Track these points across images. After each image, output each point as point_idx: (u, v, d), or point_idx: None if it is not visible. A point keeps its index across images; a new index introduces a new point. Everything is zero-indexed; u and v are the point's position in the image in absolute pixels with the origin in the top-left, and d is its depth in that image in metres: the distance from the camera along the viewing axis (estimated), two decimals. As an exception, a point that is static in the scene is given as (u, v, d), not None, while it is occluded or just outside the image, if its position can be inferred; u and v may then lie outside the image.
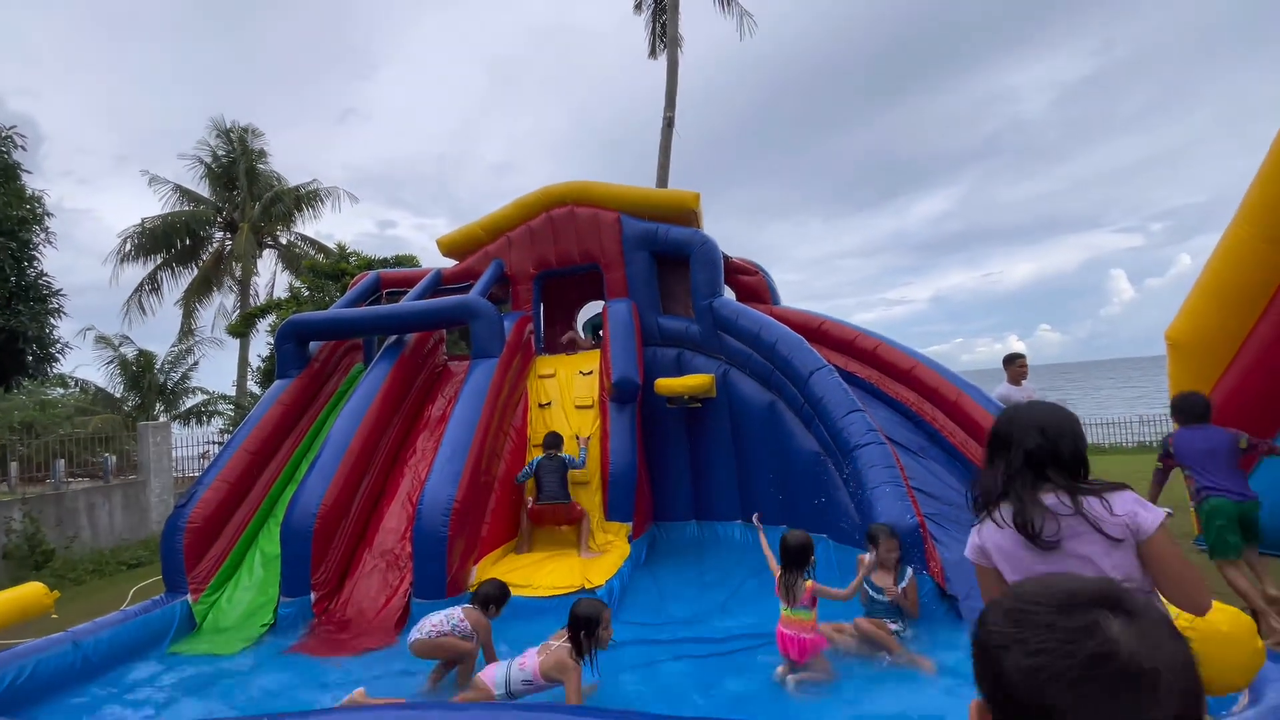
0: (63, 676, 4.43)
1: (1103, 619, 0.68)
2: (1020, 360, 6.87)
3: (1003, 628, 0.72)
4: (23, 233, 10.47)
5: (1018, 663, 0.68)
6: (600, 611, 3.54)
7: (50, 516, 8.88)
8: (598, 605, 3.61)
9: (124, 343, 20.76)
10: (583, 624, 3.48)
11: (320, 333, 7.30)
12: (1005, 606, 0.75)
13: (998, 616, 0.74)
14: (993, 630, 0.73)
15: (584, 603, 3.64)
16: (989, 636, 0.73)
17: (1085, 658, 0.66)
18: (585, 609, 3.56)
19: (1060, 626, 0.69)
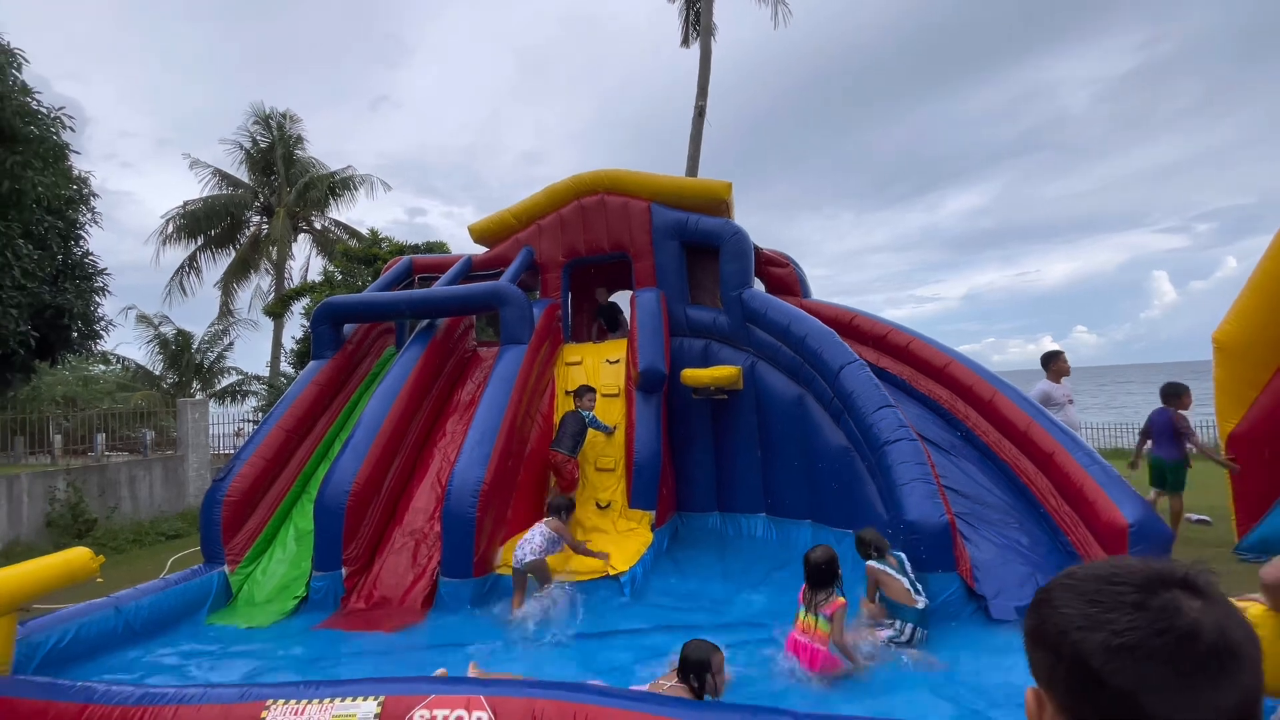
0: (105, 640, 4.61)
1: (1183, 598, 0.67)
2: (1062, 357, 6.73)
3: (1082, 609, 0.70)
4: (70, 212, 10.77)
5: (1105, 643, 0.67)
6: (711, 655, 3.27)
7: (93, 487, 9.21)
8: (708, 648, 3.30)
9: (163, 322, 21.43)
10: (693, 668, 3.23)
11: (354, 315, 7.42)
12: (1078, 590, 0.72)
13: (1072, 599, 0.71)
14: (1070, 613, 0.70)
15: (695, 646, 3.32)
16: (1065, 620, 0.70)
17: (1177, 636, 0.65)
18: (696, 652, 3.27)
19: (1149, 606, 0.67)
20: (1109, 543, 4.42)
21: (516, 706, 2.84)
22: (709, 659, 3.24)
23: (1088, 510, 4.66)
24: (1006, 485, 5.54)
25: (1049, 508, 5.14)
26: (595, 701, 2.83)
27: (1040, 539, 4.99)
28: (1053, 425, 5.34)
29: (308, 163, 23.48)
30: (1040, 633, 0.73)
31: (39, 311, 10.05)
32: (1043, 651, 0.73)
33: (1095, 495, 4.64)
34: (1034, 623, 0.75)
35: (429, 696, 2.94)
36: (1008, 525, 5.10)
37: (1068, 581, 0.74)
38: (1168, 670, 0.64)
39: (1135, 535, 4.29)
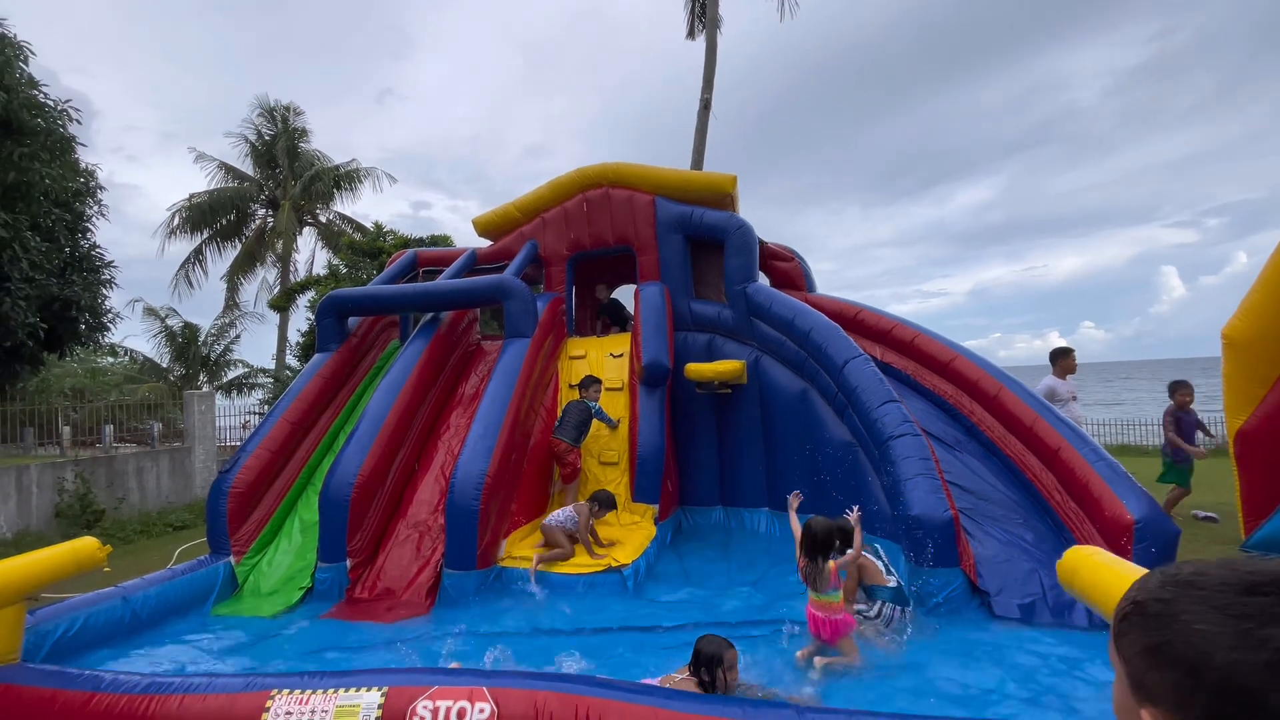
0: (112, 629, 4.65)
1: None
2: (1071, 355, 6.81)
3: (1231, 626, 0.64)
4: (76, 205, 10.83)
5: (1258, 662, 0.61)
6: (724, 651, 3.24)
7: (101, 478, 9.28)
8: (721, 644, 3.28)
9: (170, 315, 21.51)
10: (705, 662, 3.22)
11: (359, 308, 7.44)
12: (1213, 603, 0.66)
13: (1210, 614, 0.65)
14: (1212, 631, 0.64)
15: (708, 640, 3.30)
16: (1208, 639, 0.64)
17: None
18: (709, 647, 3.25)
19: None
20: (1114, 539, 4.40)
21: (519, 698, 2.85)
22: (721, 654, 3.22)
23: (1093, 506, 4.64)
24: (1011, 481, 5.52)
25: (1054, 503, 5.12)
26: (597, 694, 2.84)
27: (1045, 535, 4.97)
28: (1058, 421, 5.31)
29: (311, 156, 23.49)
30: (1169, 651, 0.67)
31: (47, 304, 10.13)
32: (1174, 672, 0.66)
33: (1101, 491, 4.62)
34: (1155, 639, 0.68)
35: (432, 687, 2.96)
36: (1012, 521, 5.08)
37: (1192, 591, 0.68)
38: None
39: (1141, 531, 4.27)
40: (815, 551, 3.92)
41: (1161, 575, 0.72)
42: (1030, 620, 4.32)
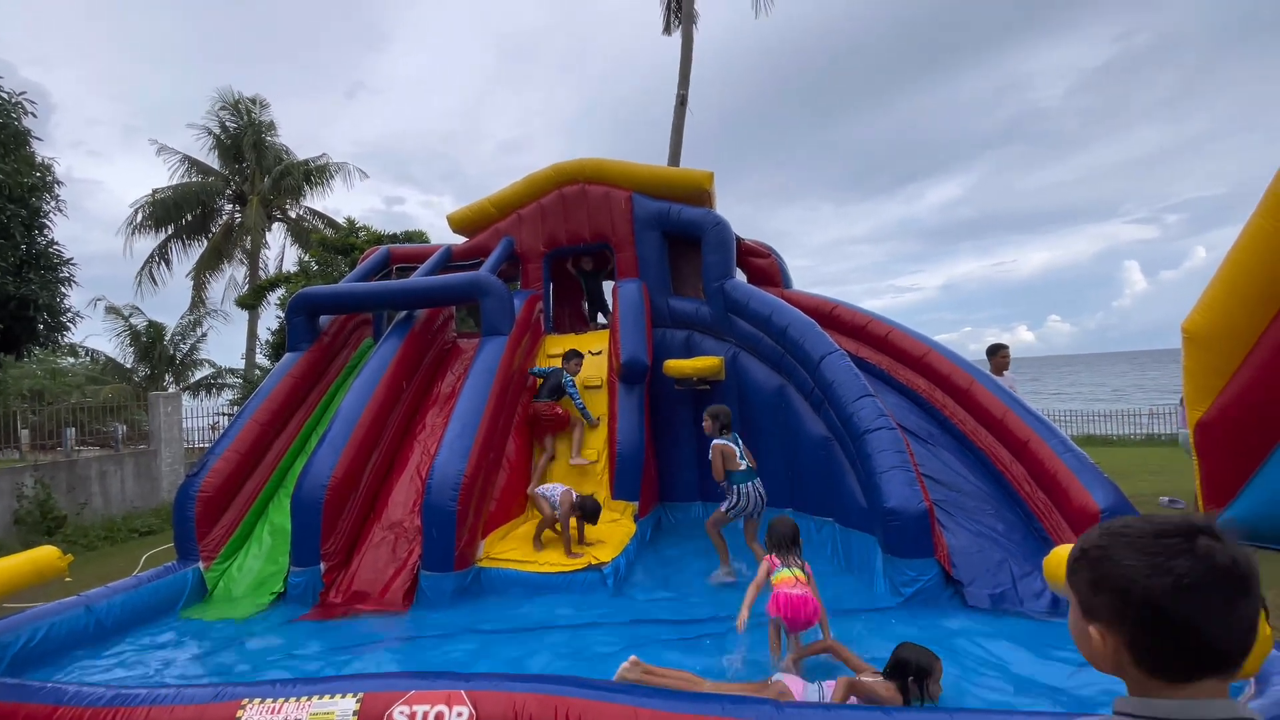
0: (76, 639, 4.50)
1: (1211, 542, 0.87)
2: (1004, 351, 6.96)
3: (1146, 560, 0.87)
4: (33, 200, 10.44)
5: (1165, 584, 0.85)
6: (934, 663, 3.13)
7: (61, 483, 8.99)
8: (931, 655, 3.16)
9: (134, 314, 20.88)
10: (914, 671, 3.10)
11: (330, 306, 7.30)
12: (1135, 545, 0.89)
13: (1131, 553, 0.89)
14: (1134, 564, 0.88)
15: (917, 650, 3.18)
16: (1131, 570, 0.88)
17: (1221, 571, 0.85)
18: (920, 658, 3.14)
19: (1195, 552, 0.86)
20: (1081, 528, 4.50)
21: (498, 701, 2.83)
22: (931, 667, 3.13)
23: (1061, 496, 4.75)
24: (982, 473, 5.63)
25: (1023, 494, 5.23)
26: (576, 694, 2.83)
27: (1015, 525, 5.08)
28: (1028, 413, 5.42)
29: (279, 149, 22.97)
30: (1105, 581, 0.91)
31: (2, 303, 9.76)
32: (1108, 595, 0.90)
33: (1068, 482, 4.73)
34: (1096, 573, 0.92)
35: (409, 692, 2.92)
36: (983, 512, 5.19)
37: (1120, 538, 0.91)
38: (1218, 599, 0.85)
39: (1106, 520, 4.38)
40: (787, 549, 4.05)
41: (1099, 528, 0.96)
42: (1000, 609, 4.41)
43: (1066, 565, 0.99)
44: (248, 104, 22.47)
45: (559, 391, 6.94)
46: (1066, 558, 2.83)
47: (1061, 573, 2.87)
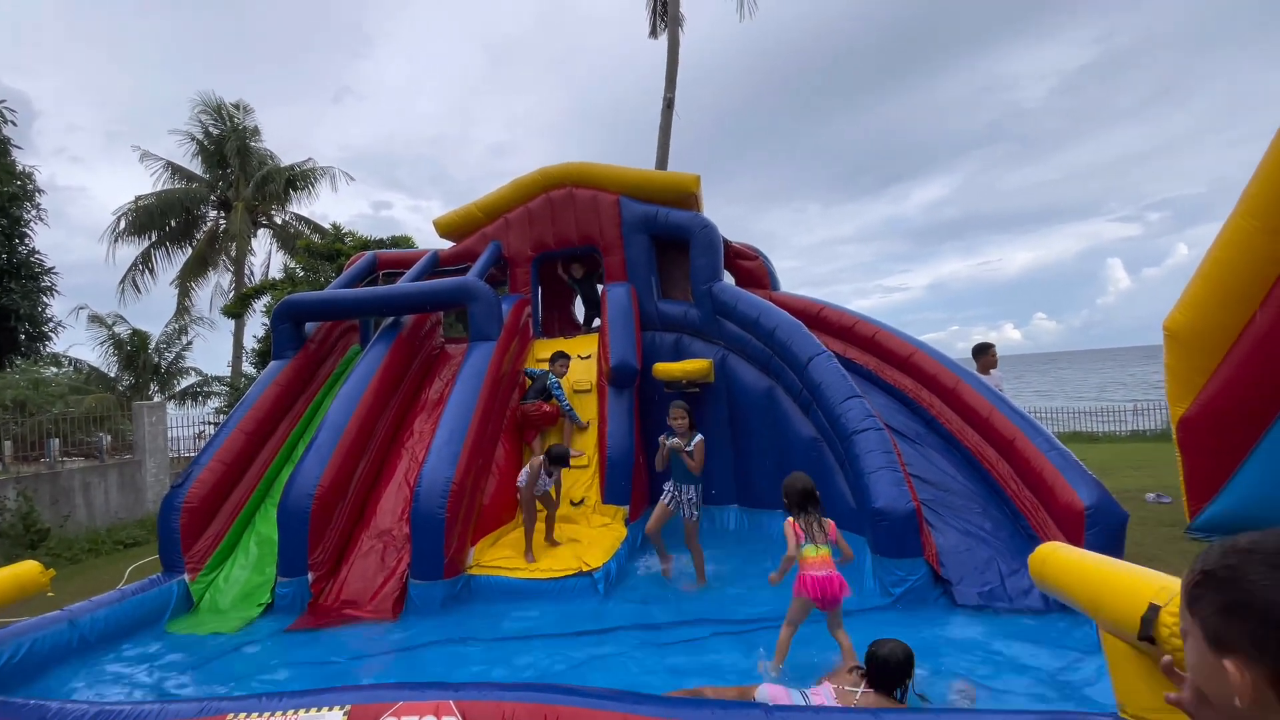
0: (59, 654, 4.43)
1: None
2: (991, 350, 6.96)
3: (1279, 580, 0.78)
4: (13, 209, 10.32)
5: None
6: (911, 657, 3.01)
7: (45, 495, 8.86)
8: (908, 650, 3.03)
9: (118, 322, 20.62)
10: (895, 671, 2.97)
11: (316, 313, 7.24)
12: (1266, 560, 0.79)
13: (1266, 571, 0.79)
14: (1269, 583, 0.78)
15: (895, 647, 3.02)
16: (1269, 590, 0.78)
17: None
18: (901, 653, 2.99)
19: None
20: (1067, 525, 4.55)
21: (486, 710, 2.81)
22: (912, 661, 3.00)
23: (1047, 494, 4.79)
24: (969, 472, 5.67)
25: (1010, 492, 5.27)
26: (565, 701, 2.82)
27: (1002, 523, 5.12)
28: (1013, 412, 5.47)
29: (264, 155, 22.79)
30: (1241, 606, 0.80)
31: (-19, 313, 9.64)
32: (1249, 623, 0.79)
33: (1054, 479, 4.77)
34: (1228, 598, 0.81)
35: (397, 703, 2.89)
36: (971, 511, 5.22)
37: (1252, 555, 0.81)
38: None
39: (1092, 517, 4.42)
40: (807, 504, 3.90)
41: (1220, 547, 0.85)
42: (989, 606, 4.44)
43: (1184, 593, 0.88)
44: (230, 109, 22.29)
45: (545, 394, 7.00)
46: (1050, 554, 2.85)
47: (1048, 570, 2.90)
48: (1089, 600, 2.61)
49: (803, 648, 3.88)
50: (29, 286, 10.57)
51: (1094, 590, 2.59)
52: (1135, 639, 2.42)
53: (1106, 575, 2.58)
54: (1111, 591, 2.50)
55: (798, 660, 3.84)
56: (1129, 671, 2.52)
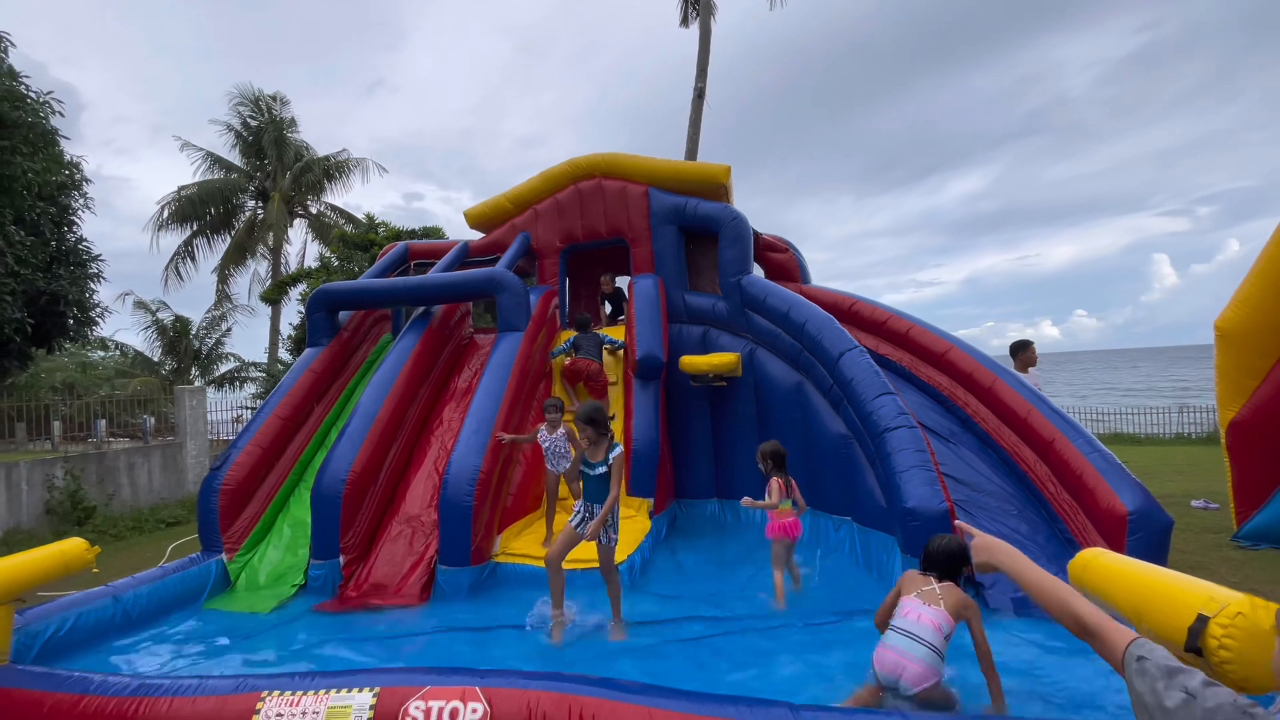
0: (103, 628, 4.61)
1: None
2: (1031, 348, 6.64)
3: None
4: (62, 198, 10.65)
5: None
6: (964, 547, 3.16)
7: (91, 475, 9.20)
8: (957, 540, 3.26)
9: (161, 308, 21.33)
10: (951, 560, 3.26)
11: (350, 302, 7.36)
12: None
13: None
14: None
15: (944, 539, 3.34)
16: None
17: None
18: (951, 544, 3.28)
19: None
20: (1108, 530, 4.41)
21: (512, 698, 2.83)
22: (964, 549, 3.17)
23: (1087, 498, 4.64)
24: (1005, 473, 5.53)
25: (1047, 495, 5.12)
26: (591, 693, 2.82)
27: (1039, 527, 4.98)
28: (1053, 412, 5.31)
29: (300, 146, 23.23)
30: None
31: (33, 299, 9.98)
32: None
33: (1095, 483, 4.62)
34: None
35: (425, 687, 2.93)
36: (1006, 513, 5.09)
37: None
38: None
39: (1135, 522, 4.27)
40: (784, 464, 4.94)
41: None
42: (1024, 613, 4.33)
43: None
44: (268, 100, 22.74)
45: (599, 352, 7.30)
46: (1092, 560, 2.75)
47: (1089, 577, 2.81)
48: (1133, 609, 2.52)
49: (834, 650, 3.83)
50: (77, 273, 10.89)
51: (1138, 599, 2.49)
52: (1181, 651, 2.33)
53: (1152, 583, 2.49)
54: (1157, 601, 2.41)
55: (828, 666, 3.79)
56: (1174, 684, 2.43)
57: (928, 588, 3.25)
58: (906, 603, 3.25)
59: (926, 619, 3.15)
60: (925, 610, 3.18)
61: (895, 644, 3.15)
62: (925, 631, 3.12)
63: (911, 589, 3.29)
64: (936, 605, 3.17)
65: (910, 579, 3.38)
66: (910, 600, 3.24)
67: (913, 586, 3.31)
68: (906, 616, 3.20)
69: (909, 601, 3.24)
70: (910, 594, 3.27)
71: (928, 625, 3.14)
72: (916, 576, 3.36)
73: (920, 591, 3.25)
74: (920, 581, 3.31)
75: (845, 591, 4.96)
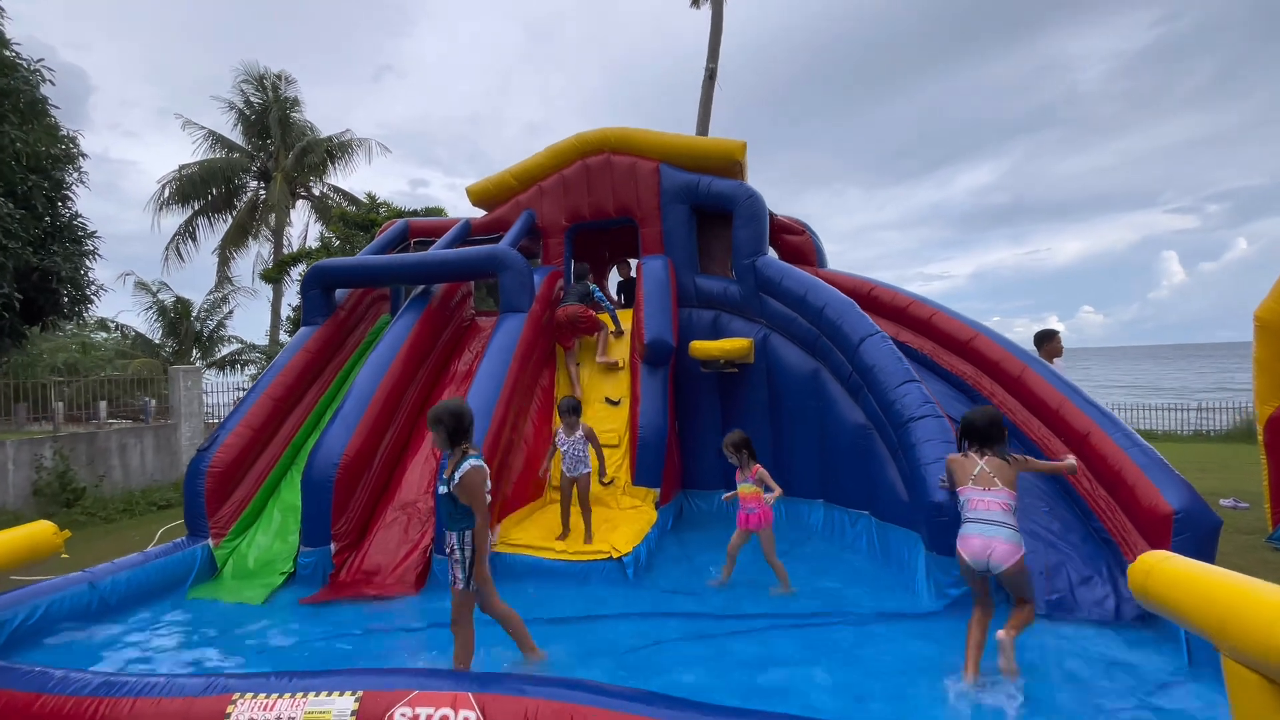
0: (77, 617, 4.37)
1: None
2: (1057, 338, 6.25)
3: None
4: (56, 172, 10.35)
5: None
6: (998, 417, 3.58)
7: (81, 455, 8.97)
8: (990, 411, 3.62)
9: (162, 289, 21.08)
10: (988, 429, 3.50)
11: (346, 280, 7.06)
12: None
13: None
14: None
15: (977, 411, 3.60)
16: None
17: None
18: (986, 414, 3.57)
19: None
20: (1151, 530, 4.09)
21: (507, 705, 2.56)
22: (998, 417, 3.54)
23: (1127, 495, 4.32)
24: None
25: (1081, 491, 4.81)
26: (590, 701, 2.55)
27: (1072, 525, 4.67)
28: (1087, 404, 4.98)
29: (304, 126, 22.86)
30: None
31: (24, 274, 9.71)
32: None
33: (1135, 479, 4.30)
34: None
35: (412, 693, 2.66)
36: (1037, 510, 4.78)
37: None
38: None
39: (1181, 522, 3.95)
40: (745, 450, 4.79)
41: None
42: (1058, 616, 4.03)
43: None
44: (274, 79, 22.36)
45: (587, 298, 7.15)
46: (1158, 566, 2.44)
47: (1155, 584, 2.47)
48: (1213, 622, 2.22)
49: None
50: (71, 250, 10.62)
51: (1220, 610, 2.20)
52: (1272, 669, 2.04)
53: (1236, 593, 2.18)
54: (1244, 613, 2.11)
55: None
56: (1259, 706, 2.13)
57: (977, 471, 3.45)
58: (967, 494, 3.45)
59: (993, 504, 3.38)
60: (987, 496, 3.40)
61: (977, 532, 3.36)
62: (997, 515, 3.36)
63: (964, 478, 3.49)
64: (994, 487, 3.40)
65: (958, 465, 3.56)
66: (970, 491, 3.44)
67: (964, 474, 3.50)
68: (976, 509, 3.41)
69: (968, 492, 3.45)
70: (965, 484, 3.47)
71: (997, 509, 3.37)
72: (962, 460, 3.55)
73: (973, 479, 3.45)
74: (968, 466, 3.50)
75: (864, 589, 4.67)
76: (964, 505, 3.45)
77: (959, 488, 3.51)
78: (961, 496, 3.48)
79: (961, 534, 3.42)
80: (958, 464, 3.56)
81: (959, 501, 3.50)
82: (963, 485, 3.48)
